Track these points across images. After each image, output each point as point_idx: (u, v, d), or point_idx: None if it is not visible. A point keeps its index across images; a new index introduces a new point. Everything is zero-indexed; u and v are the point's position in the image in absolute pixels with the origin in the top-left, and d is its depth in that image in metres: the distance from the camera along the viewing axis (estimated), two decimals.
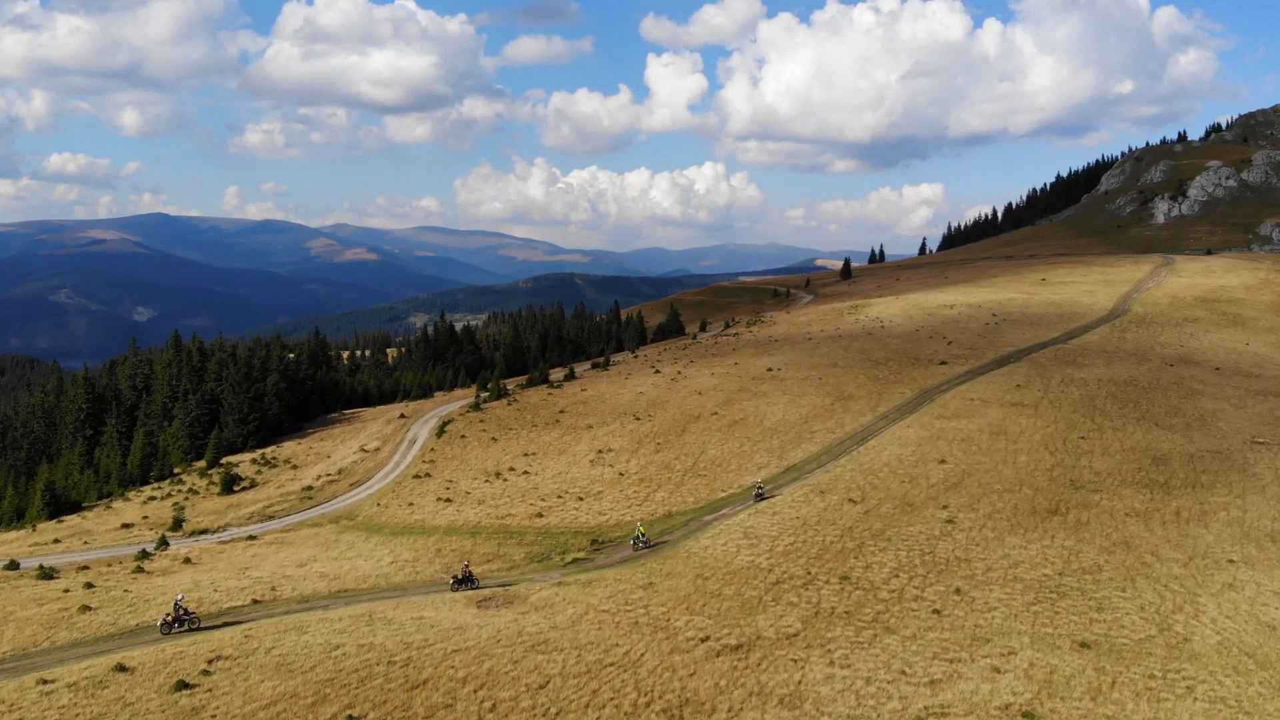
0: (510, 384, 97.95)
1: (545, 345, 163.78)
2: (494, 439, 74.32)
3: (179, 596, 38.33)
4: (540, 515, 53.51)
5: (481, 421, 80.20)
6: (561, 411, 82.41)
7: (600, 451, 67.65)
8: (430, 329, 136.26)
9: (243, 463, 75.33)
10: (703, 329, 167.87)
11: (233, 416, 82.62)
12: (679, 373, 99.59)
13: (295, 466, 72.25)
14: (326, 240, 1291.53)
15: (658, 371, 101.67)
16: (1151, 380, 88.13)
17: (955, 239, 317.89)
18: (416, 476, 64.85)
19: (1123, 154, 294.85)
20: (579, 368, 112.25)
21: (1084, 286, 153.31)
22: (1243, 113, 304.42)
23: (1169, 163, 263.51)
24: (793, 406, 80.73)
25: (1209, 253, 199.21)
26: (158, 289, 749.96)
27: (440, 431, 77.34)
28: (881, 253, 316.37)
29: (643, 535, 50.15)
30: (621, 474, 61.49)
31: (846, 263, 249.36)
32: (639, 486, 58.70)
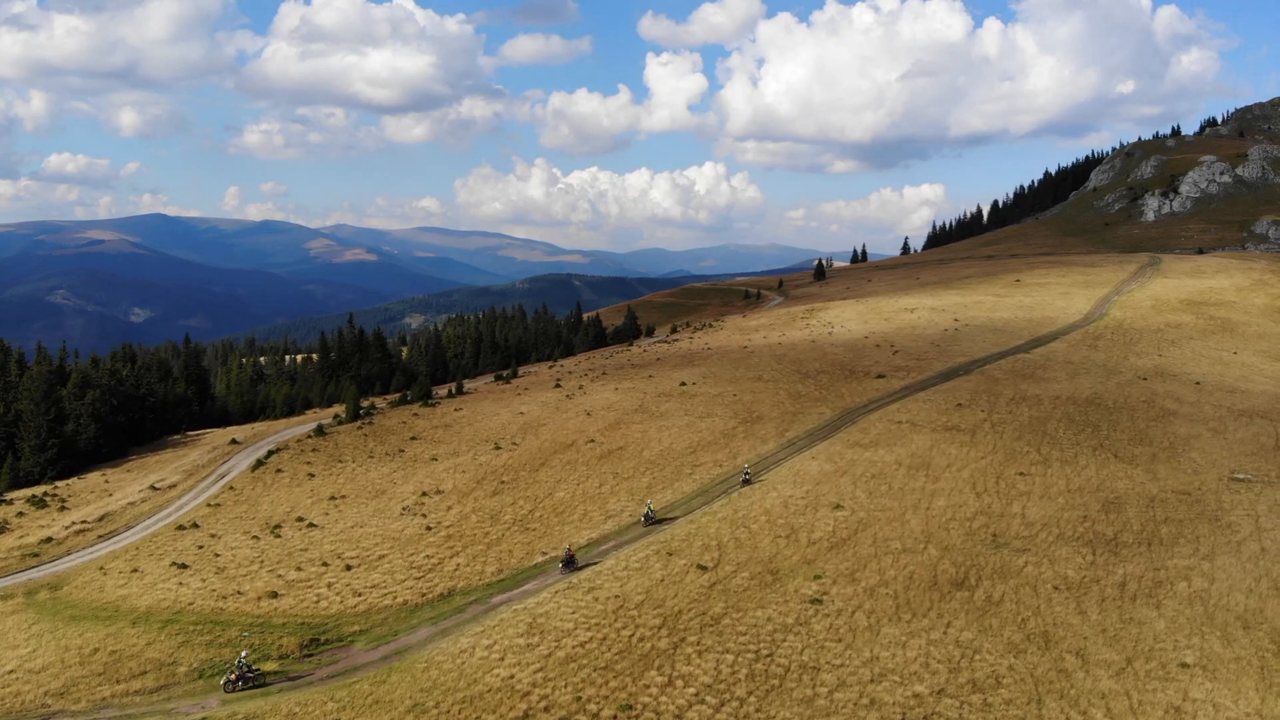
0: (385, 400, 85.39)
1: (479, 351, 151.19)
2: (311, 475, 61.66)
3: (243, 653, 34.39)
4: (275, 595, 40.96)
5: (314, 451, 67.50)
6: (413, 438, 69.72)
7: (424, 494, 55.01)
8: (333, 335, 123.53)
9: (18, 500, 62.77)
10: (649, 334, 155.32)
11: (29, 442, 70.16)
12: (580, 388, 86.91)
13: (65, 508, 59.77)
14: (326, 241, 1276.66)
15: (558, 386, 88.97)
16: (1118, 398, 75.41)
17: (940, 238, 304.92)
18: (180, 528, 52.27)
19: (1113, 149, 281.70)
20: (477, 381, 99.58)
21: (1060, 289, 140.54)
22: (1239, 106, 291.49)
23: (1161, 158, 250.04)
24: (688, 431, 68.05)
25: (1200, 252, 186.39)
26: (155, 290, 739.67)
27: (259, 464, 64.77)
28: (863, 253, 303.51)
29: (652, 512, 49.25)
30: (429, 528, 48.86)
31: (820, 263, 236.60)
32: (439, 547, 46.10)
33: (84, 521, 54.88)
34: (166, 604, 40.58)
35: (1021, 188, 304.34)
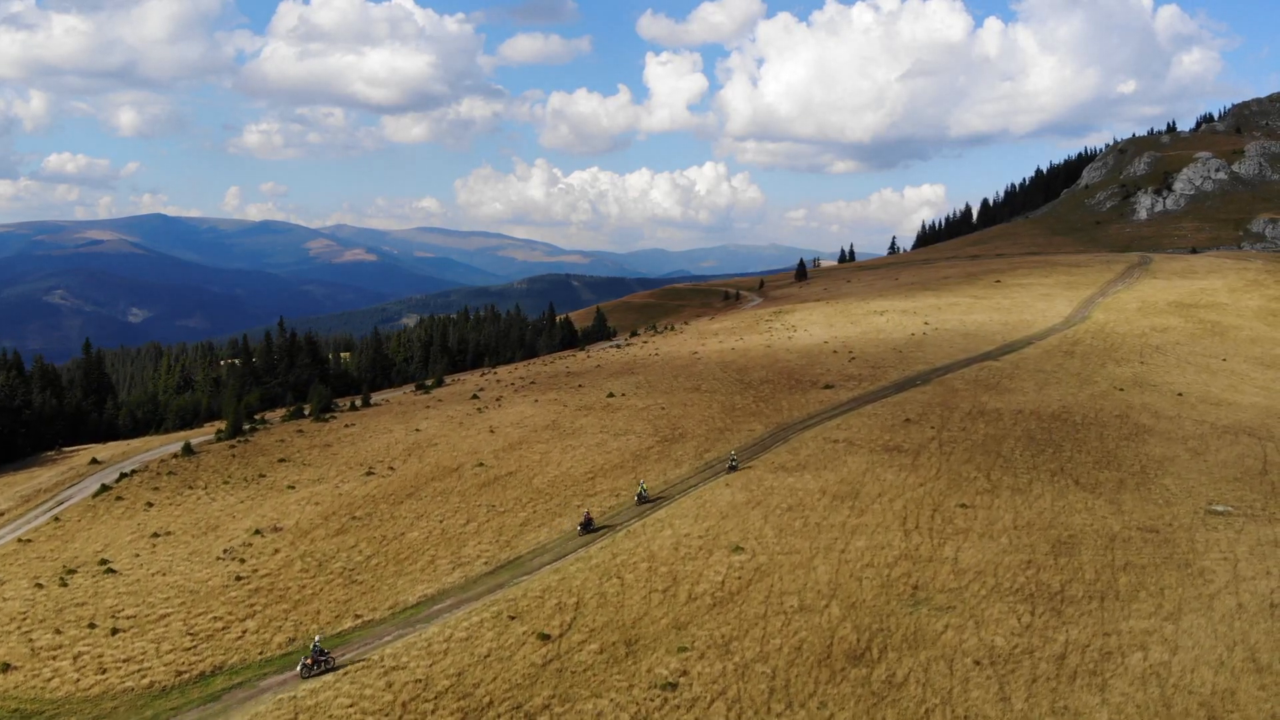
0: (279, 414, 77.36)
1: (428, 356, 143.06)
2: (149, 505, 53.69)
3: (316, 638, 33.41)
4: (6, 668, 33.00)
5: (170, 474, 59.56)
6: (282, 460, 61.72)
7: (258, 532, 47.01)
8: (261, 339, 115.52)
9: None
10: (609, 337, 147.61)
11: None
12: (498, 399, 78.95)
13: None
14: (326, 241, 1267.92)
15: (475, 397, 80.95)
16: (1089, 412, 67.37)
17: (929, 238, 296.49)
18: None
19: (1106, 146, 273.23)
20: (396, 391, 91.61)
21: (1041, 290, 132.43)
22: (1237, 102, 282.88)
23: (1154, 154, 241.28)
24: (595, 452, 60.01)
25: (1194, 251, 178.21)
26: (153, 290, 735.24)
27: (103, 489, 56.82)
28: (851, 252, 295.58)
29: (645, 492, 49.96)
30: (239, 577, 40.85)
31: (801, 263, 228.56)
32: (236, 605, 38.10)
33: None
34: None
35: (1012, 186, 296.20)
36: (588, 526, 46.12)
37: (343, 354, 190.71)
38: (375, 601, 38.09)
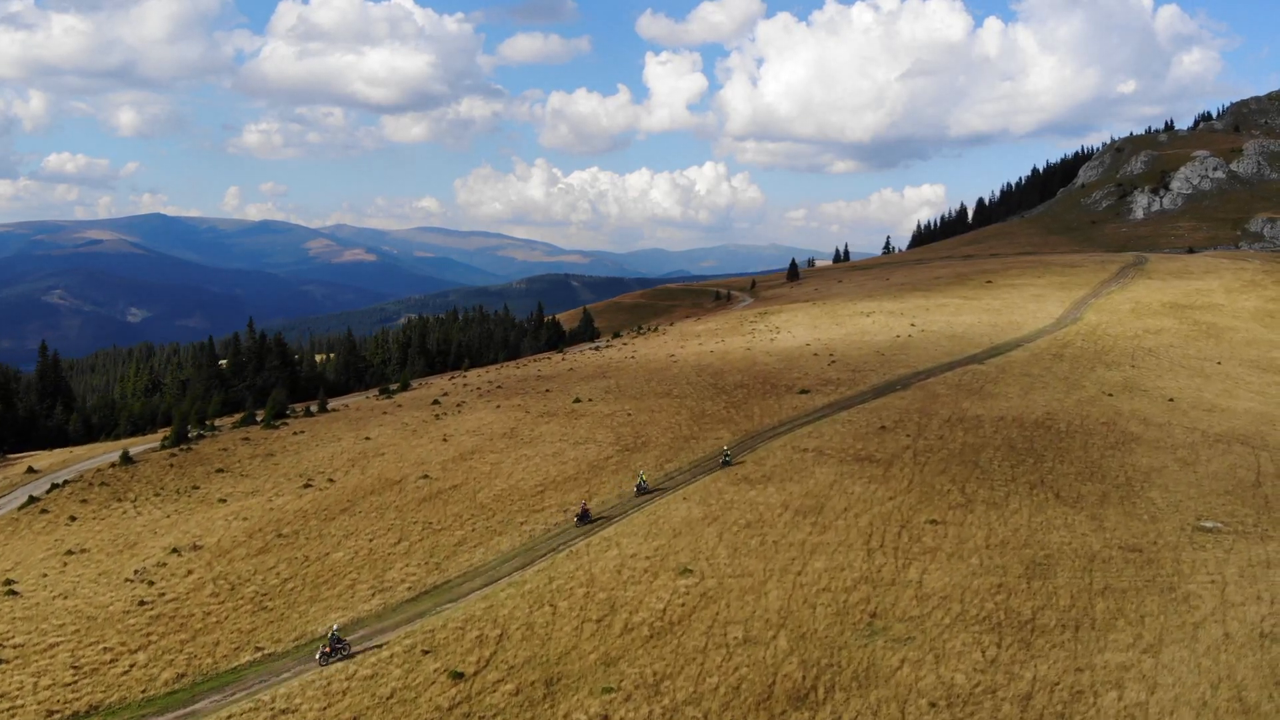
0: (229, 420, 74.15)
1: (405, 358, 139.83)
2: (73, 519, 50.57)
3: (334, 627, 33.41)
4: None
5: (102, 485, 56.42)
6: (220, 470, 58.56)
7: (176, 550, 43.87)
8: (229, 342, 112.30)
9: None
10: (591, 339, 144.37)
11: None
12: (459, 405, 75.76)
13: None
14: (325, 241, 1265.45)
15: (436, 403, 77.74)
16: (1074, 419, 64.14)
17: (925, 237, 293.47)
18: None
19: (1103, 145, 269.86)
20: (358, 396, 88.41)
21: (1034, 290, 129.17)
22: (1235, 100, 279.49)
23: (1151, 153, 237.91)
24: (550, 463, 56.81)
25: (1191, 251, 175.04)
26: (152, 290, 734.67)
27: (30, 501, 53.73)
28: (846, 252, 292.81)
29: (644, 483, 50.20)
30: (143, 602, 37.73)
31: (793, 263, 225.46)
32: (132, 634, 34.97)
33: None
34: None
35: (1009, 185, 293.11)
36: (584, 518, 45.81)
37: (330, 355, 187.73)
38: (281, 632, 34.88)
